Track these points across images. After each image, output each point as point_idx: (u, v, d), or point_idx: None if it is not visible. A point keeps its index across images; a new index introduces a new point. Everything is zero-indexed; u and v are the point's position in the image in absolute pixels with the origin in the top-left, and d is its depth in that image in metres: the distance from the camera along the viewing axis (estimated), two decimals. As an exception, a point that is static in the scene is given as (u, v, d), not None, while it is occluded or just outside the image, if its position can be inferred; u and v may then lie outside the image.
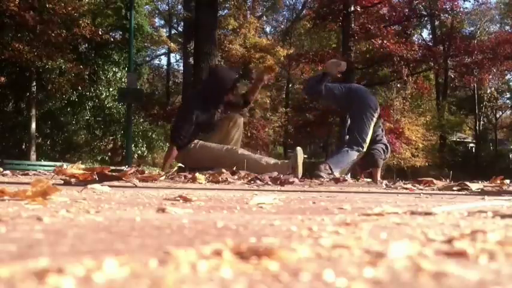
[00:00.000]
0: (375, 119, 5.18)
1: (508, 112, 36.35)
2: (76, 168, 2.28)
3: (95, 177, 2.18)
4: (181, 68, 26.81)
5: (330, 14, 18.14)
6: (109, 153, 21.32)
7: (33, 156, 17.25)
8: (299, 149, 4.55)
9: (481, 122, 32.12)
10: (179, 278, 0.38)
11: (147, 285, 0.36)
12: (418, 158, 22.76)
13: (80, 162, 2.60)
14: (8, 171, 3.72)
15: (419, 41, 25.51)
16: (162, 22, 30.92)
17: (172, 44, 24.35)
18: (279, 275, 0.40)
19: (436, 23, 27.40)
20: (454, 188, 2.57)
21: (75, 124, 19.77)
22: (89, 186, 1.75)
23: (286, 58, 22.46)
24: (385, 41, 17.67)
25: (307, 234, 0.66)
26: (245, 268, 0.42)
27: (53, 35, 16.15)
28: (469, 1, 49.49)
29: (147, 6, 24.26)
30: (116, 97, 17.61)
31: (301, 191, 2.17)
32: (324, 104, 5.60)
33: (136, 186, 2.19)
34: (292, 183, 3.05)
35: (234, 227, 0.73)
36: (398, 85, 21.90)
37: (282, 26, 32.55)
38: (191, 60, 16.63)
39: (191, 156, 4.58)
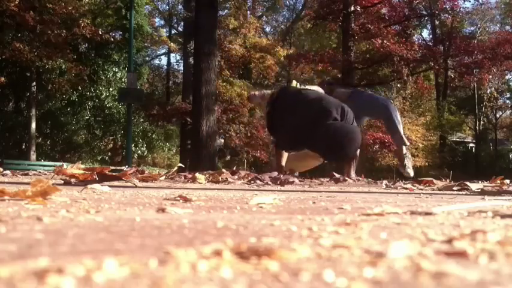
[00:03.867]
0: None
1: (508, 112, 36.31)
2: (76, 168, 2.28)
3: (95, 177, 2.18)
4: (181, 68, 26.81)
5: (330, 14, 18.12)
6: (109, 153, 21.32)
7: (33, 156, 17.26)
8: None
9: (481, 122, 32.08)
10: (179, 278, 0.38)
11: (147, 285, 0.36)
12: (418, 158, 22.75)
13: (80, 162, 2.60)
14: (8, 171, 3.72)
15: (419, 41, 25.46)
16: (162, 22, 30.92)
17: (172, 44, 24.31)
18: (279, 275, 0.40)
19: (436, 23, 27.38)
20: (454, 188, 2.57)
21: (75, 124, 19.77)
22: (89, 186, 1.75)
23: (286, 58, 22.45)
24: (385, 41, 17.66)
25: (307, 234, 0.66)
26: (245, 268, 0.42)
27: (52, 35, 16.15)
28: (469, 1, 49.48)
29: (147, 6, 24.25)
30: (116, 97, 17.62)
31: (301, 191, 2.17)
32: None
33: (136, 186, 2.19)
34: (292, 183, 3.05)
35: (234, 227, 0.73)
36: (399, 85, 21.89)
37: (282, 26, 32.55)
38: (191, 60, 16.64)
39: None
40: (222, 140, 21.23)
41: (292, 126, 4.63)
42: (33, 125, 17.54)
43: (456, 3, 20.33)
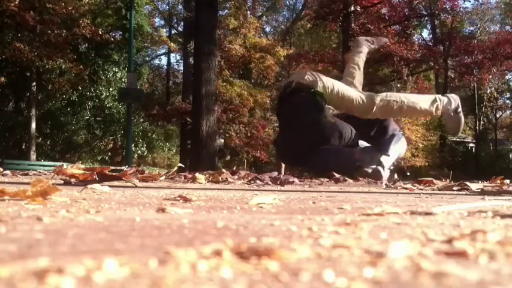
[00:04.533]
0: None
1: (508, 112, 36.30)
2: (76, 168, 2.28)
3: (95, 177, 2.18)
4: (181, 68, 26.80)
5: (330, 14, 18.14)
6: (109, 153, 21.32)
7: (33, 156, 17.26)
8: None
9: (481, 122, 32.08)
10: (179, 278, 0.38)
11: (147, 285, 0.36)
12: (418, 158, 22.76)
13: (80, 162, 2.60)
14: (8, 171, 3.73)
15: (419, 41, 25.48)
16: (162, 22, 30.92)
17: (172, 44, 24.31)
18: (279, 275, 0.40)
19: (436, 23, 27.38)
20: (454, 188, 2.57)
21: (75, 124, 19.77)
22: (89, 186, 1.75)
23: (286, 58, 22.46)
24: (385, 41, 17.67)
25: (307, 234, 0.66)
26: (245, 268, 0.42)
27: (52, 35, 16.15)
28: (469, 1, 49.49)
29: (147, 6, 24.25)
30: (116, 97, 17.63)
31: (301, 191, 2.17)
32: None
33: (136, 186, 2.19)
34: (292, 183, 3.05)
35: (234, 227, 0.73)
36: (399, 85, 21.90)
37: (282, 26, 32.54)
38: (191, 60, 16.63)
39: None
40: (222, 140, 21.23)
41: (293, 145, 4.72)
42: (33, 125, 17.54)
43: (456, 3, 20.35)
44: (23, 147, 18.42)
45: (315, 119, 4.58)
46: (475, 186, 2.48)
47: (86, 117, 20.00)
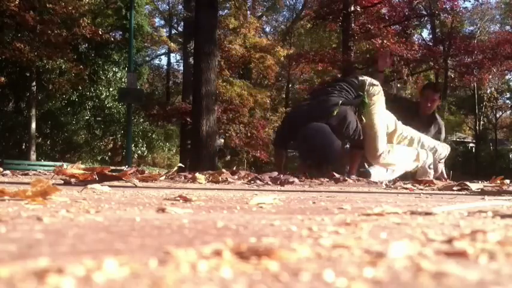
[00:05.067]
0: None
1: (508, 112, 36.31)
2: (76, 168, 2.28)
3: (95, 177, 2.18)
4: (181, 68, 26.81)
5: (330, 14, 18.12)
6: (109, 153, 21.33)
7: (33, 156, 17.27)
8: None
9: (481, 122, 32.09)
10: (179, 278, 0.38)
11: (147, 285, 0.36)
12: (418, 158, 22.72)
13: (80, 162, 2.59)
14: (8, 171, 3.72)
15: (419, 41, 25.46)
16: (162, 22, 30.93)
17: (172, 44, 24.32)
18: (279, 275, 0.40)
19: (436, 23, 27.37)
20: (454, 188, 2.57)
21: (75, 124, 19.78)
22: (89, 186, 1.75)
23: (286, 58, 22.45)
24: (385, 41, 17.66)
25: (307, 234, 0.66)
26: (245, 268, 0.42)
27: (52, 35, 16.16)
28: (469, 1, 49.54)
29: (147, 6, 24.26)
30: (116, 97, 17.64)
31: (301, 191, 2.17)
32: None
33: (136, 186, 2.19)
34: (292, 183, 3.05)
35: (234, 227, 0.73)
36: (399, 85, 21.89)
37: (282, 26, 32.55)
38: (191, 60, 16.64)
39: None
40: (222, 140, 21.24)
41: (296, 114, 4.61)
42: (33, 125, 17.54)
43: (456, 3, 20.31)
44: (23, 147, 18.43)
45: (333, 100, 4.32)
46: (475, 186, 2.48)
47: (86, 117, 20.01)
